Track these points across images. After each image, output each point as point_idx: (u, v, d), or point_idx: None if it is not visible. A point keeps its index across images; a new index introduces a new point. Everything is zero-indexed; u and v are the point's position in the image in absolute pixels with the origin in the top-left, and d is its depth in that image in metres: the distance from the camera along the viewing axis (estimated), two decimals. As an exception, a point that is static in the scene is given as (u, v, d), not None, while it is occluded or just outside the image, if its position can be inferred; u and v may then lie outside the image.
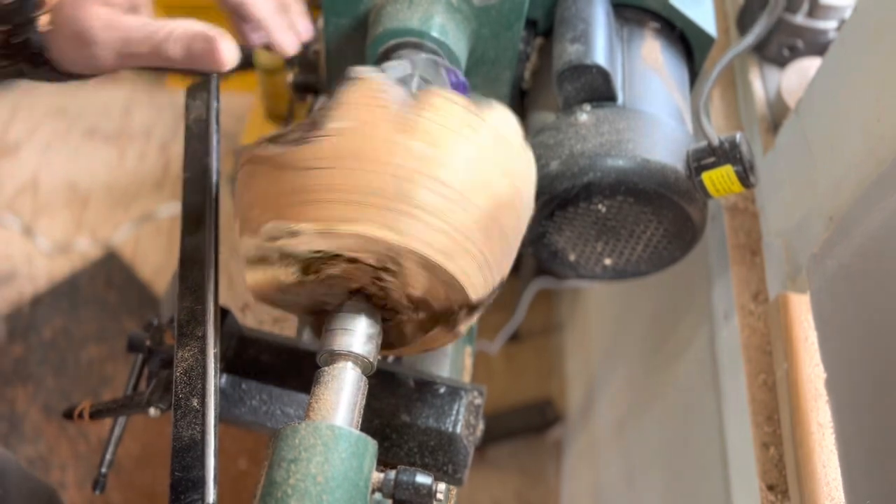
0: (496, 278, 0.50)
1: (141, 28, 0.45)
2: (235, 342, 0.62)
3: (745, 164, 0.60)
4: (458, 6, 0.63)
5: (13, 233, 1.72)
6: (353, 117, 0.45)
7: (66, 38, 0.45)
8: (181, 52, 0.44)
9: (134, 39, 0.44)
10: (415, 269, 0.46)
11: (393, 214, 0.44)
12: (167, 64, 0.45)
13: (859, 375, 0.51)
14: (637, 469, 1.03)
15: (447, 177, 0.45)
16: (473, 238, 0.46)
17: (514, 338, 1.59)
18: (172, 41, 0.44)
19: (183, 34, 0.44)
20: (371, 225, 0.44)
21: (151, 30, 0.44)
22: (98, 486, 0.63)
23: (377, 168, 0.44)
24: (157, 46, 0.44)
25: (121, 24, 0.45)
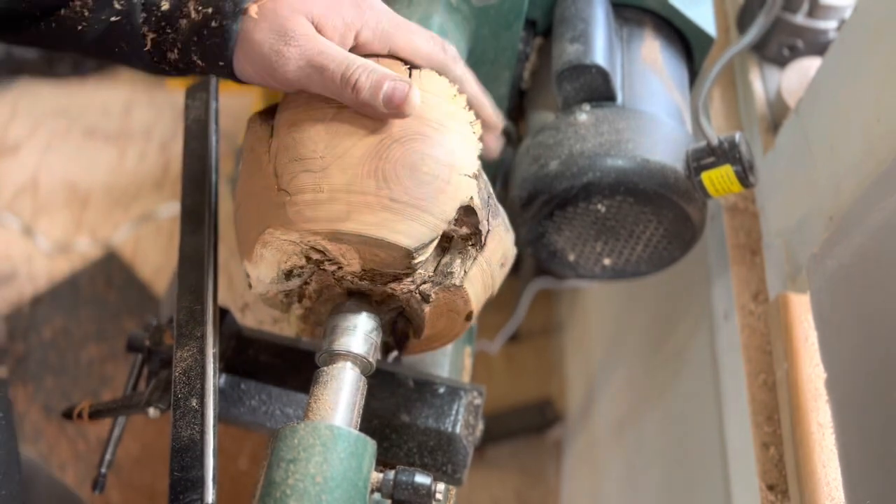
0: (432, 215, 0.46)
1: (338, 51, 0.45)
2: (234, 342, 0.62)
3: (744, 164, 0.60)
4: (457, 6, 0.62)
5: (13, 233, 1.72)
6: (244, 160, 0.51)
7: (262, 35, 0.45)
8: (367, 84, 0.44)
9: (328, 55, 0.45)
10: (332, 246, 0.46)
11: (280, 211, 0.46)
12: (348, 95, 0.45)
13: (859, 375, 0.51)
14: (637, 469, 1.03)
15: (303, 152, 0.46)
16: (362, 188, 0.45)
17: (514, 338, 1.59)
18: (364, 71, 0.45)
19: (376, 70, 0.45)
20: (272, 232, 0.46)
21: (346, 56, 0.45)
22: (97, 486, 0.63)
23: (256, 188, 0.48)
24: (347, 72, 0.44)
25: (320, 41, 0.45)
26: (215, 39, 0.45)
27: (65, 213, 1.77)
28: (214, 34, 0.45)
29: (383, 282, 0.48)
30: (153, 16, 0.46)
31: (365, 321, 0.49)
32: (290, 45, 0.45)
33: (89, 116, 1.96)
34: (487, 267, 0.50)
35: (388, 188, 0.45)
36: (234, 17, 0.45)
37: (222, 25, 0.45)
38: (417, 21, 0.61)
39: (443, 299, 0.49)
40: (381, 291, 0.49)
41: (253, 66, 0.46)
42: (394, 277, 0.48)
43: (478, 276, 0.50)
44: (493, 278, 0.52)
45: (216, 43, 0.45)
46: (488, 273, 0.51)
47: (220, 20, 0.45)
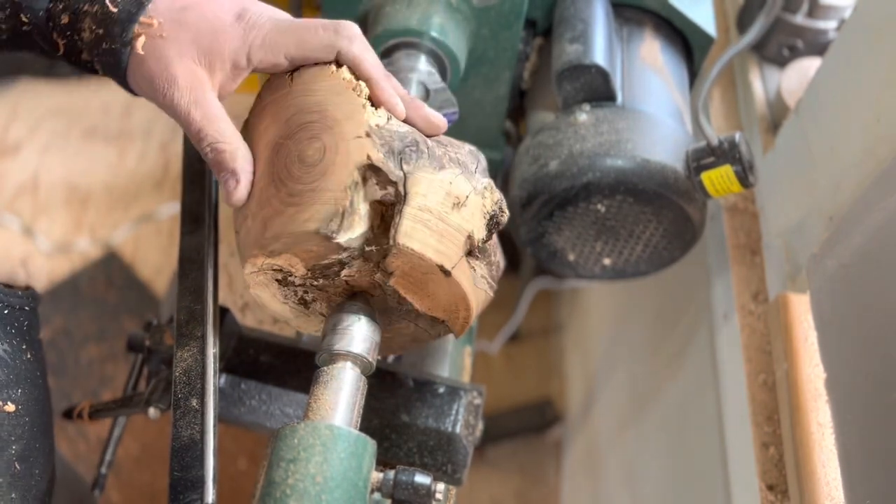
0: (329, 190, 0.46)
1: (204, 118, 0.48)
2: (235, 342, 0.62)
3: (744, 164, 0.60)
4: (457, 6, 0.62)
5: (13, 233, 1.72)
6: None
7: (148, 71, 0.47)
8: (210, 163, 0.49)
9: (193, 119, 0.48)
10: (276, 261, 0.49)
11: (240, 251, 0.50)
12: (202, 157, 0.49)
13: (859, 375, 0.51)
14: (637, 469, 1.03)
15: None
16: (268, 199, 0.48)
17: (514, 338, 1.59)
18: (211, 151, 0.48)
19: (221, 154, 0.48)
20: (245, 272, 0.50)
21: (207, 127, 0.48)
22: (97, 486, 0.63)
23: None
24: (199, 143, 0.48)
25: (198, 98, 0.47)
26: (109, 58, 0.48)
27: (65, 213, 1.77)
28: (107, 54, 0.48)
29: (335, 274, 0.49)
30: (57, 26, 0.49)
31: (365, 321, 0.49)
32: (166, 93, 0.47)
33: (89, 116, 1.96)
34: (429, 214, 0.46)
35: (285, 187, 0.46)
36: (123, 46, 0.47)
37: (112, 49, 0.48)
38: (417, 21, 0.61)
39: (400, 266, 0.47)
40: (341, 285, 0.50)
41: (144, 88, 0.49)
42: (340, 265, 0.48)
43: (418, 228, 0.46)
44: (445, 222, 0.47)
45: (110, 62, 0.48)
46: (435, 219, 0.47)
47: (110, 44, 0.47)
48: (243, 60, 0.48)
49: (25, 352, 0.53)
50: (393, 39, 0.61)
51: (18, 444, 0.50)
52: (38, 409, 0.53)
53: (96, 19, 0.47)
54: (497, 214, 0.50)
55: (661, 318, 1.01)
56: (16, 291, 0.53)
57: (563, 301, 1.67)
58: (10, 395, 0.50)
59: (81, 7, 0.48)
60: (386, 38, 0.61)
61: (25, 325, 0.53)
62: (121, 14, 0.47)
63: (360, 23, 0.65)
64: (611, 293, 1.29)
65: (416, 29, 0.60)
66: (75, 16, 0.48)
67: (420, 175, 0.47)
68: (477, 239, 0.48)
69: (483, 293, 0.51)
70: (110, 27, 0.47)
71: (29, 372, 0.53)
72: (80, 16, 0.48)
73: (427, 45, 0.61)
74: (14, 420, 0.50)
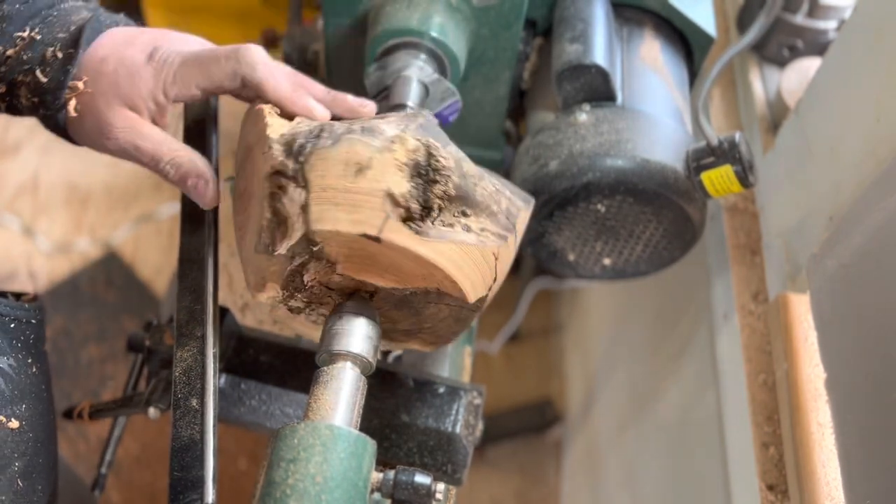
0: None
1: (153, 145, 0.51)
2: (235, 342, 0.62)
3: (744, 164, 0.60)
4: (457, 6, 0.62)
5: (13, 233, 1.72)
6: None
7: (88, 125, 0.51)
8: (175, 178, 0.51)
9: (143, 149, 0.50)
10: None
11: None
12: (161, 177, 0.52)
13: (859, 375, 0.51)
14: (637, 469, 1.03)
15: None
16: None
17: (514, 338, 1.59)
18: (172, 167, 0.51)
19: (182, 165, 0.51)
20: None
21: (159, 150, 0.51)
22: (97, 486, 0.63)
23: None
24: (158, 165, 0.51)
25: (138, 133, 0.50)
26: (48, 123, 0.52)
27: (65, 213, 1.77)
28: (46, 119, 0.51)
29: (302, 284, 0.51)
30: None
31: (364, 321, 0.49)
32: (109, 138, 0.50)
33: (89, 116, 1.95)
34: (332, 191, 0.45)
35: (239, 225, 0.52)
36: (57, 111, 0.50)
37: (49, 115, 0.51)
38: (417, 21, 0.61)
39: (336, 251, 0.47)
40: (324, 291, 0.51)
41: (88, 142, 0.52)
42: (299, 273, 0.50)
43: (326, 208, 0.46)
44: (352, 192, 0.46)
45: (50, 125, 0.52)
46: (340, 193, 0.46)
47: (45, 110, 0.51)
48: (161, 97, 0.51)
49: (31, 365, 0.52)
50: (393, 39, 0.61)
51: (21, 461, 0.50)
52: (42, 423, 0.53)
53: (30, 88, 0.50)
54: (421, 161, 0.47)
55: (661, 318, 1.01)
56: (23, 304, 0.53)
57: (563, 301, 1.67)
58: (15, 410, 0.50)
59: (16, 78, 0.50)
60: (386, 38, 0.61)
61: (32, 337, 0.53)
62: (50, 83, 0.49)
63: (359, 22, 0.65)
64: (611, 293, 1.29)
65: (416, 29, 0.60)
66: (12, 86, 0.51)
67: (314, 159, 0.46)
68: (398, 193, 0.46)
69: (479, 247, 0.48)
70: (43, 96, 0.50)
71: (34, 386, 0.52)
72: (15, 86, 0.50)
73: (427, 45, 0.61)
74: (18, 437, 0.50)
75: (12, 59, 0.50)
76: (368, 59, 0.63)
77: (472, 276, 0.48)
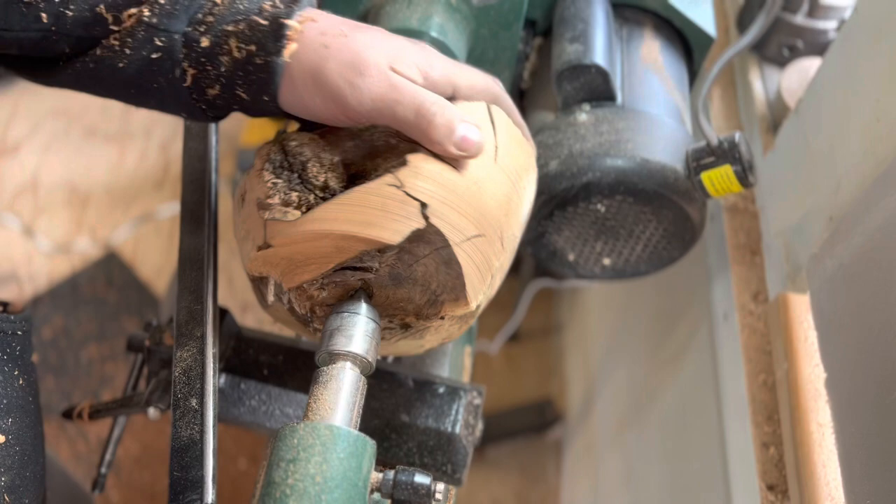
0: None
1: (414, 86, 0.44)
2: (234, 342, 0.62)
3: (744, 164, 0.60)
4: (456, 6, 0.62)
5: (13, 233, 1.72)
6: None
7: (337, 64, 0.44)
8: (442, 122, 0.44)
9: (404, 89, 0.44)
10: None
11: None
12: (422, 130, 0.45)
13: (859, 375, 0.51)
14: (637, 469, 1.03)
15: None
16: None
17: (514, 338, 1.59)
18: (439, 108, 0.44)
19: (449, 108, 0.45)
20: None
21: (420, 92, 0.44)
22: (97, 486, 0.63)
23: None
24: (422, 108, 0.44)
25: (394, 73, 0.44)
26: (261, 75, 0.45)
27: (65, 213, 1.77)
28: (260, 70, 0.45)
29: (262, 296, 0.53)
30: (193, 52, 0.45)
31: (365, 321, 0.49)
32: (366, 75, 0.44)
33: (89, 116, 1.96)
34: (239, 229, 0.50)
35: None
36: (277, 52, 0.44)
37: (267, 62, 0.44)
38: (417, 21, 0.61)
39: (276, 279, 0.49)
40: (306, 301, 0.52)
41: (321, 98, 0.45)
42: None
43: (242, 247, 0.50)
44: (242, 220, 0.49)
45: (262, 78, 0.45)
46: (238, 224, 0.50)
47: (265, 56, 0.44)
48: (420, 77, 0.46)
49: (17, 378, 0.51)
50: (393, 39, 0.61)
51: (7, 476, 0.49)
52: (28, 435, 0.52)
53: (243, 37, 0.44)
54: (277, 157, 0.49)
55: (661, 318, 1.01)
56: (8, 316, 0.51)
57: (563, 301, 1.67)
58: (1, 425, 0.49)
59: (226, 28, 0.44)
60: (386, 38, 0.61)
61: (18, 350, 0.52)
62: (272, 24, 0.44)
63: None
64: (611, 293, 1.29)
65: (416, 29, 0.60)
66: (217, 38, 0.45)
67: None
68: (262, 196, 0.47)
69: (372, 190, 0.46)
70: (262, 39, 0.44)
71: (20, 399, 0.51)
72: (222, 38, 0.45)
73: (427, 45, 0.61)
74: (4, 451, 0.49)
75: (222, 8, 0.45)
76: (368, 59, 0.63)
77: (376, 220, 0.45)
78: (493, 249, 0.49)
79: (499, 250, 0.49)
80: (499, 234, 0.49)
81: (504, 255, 0.50)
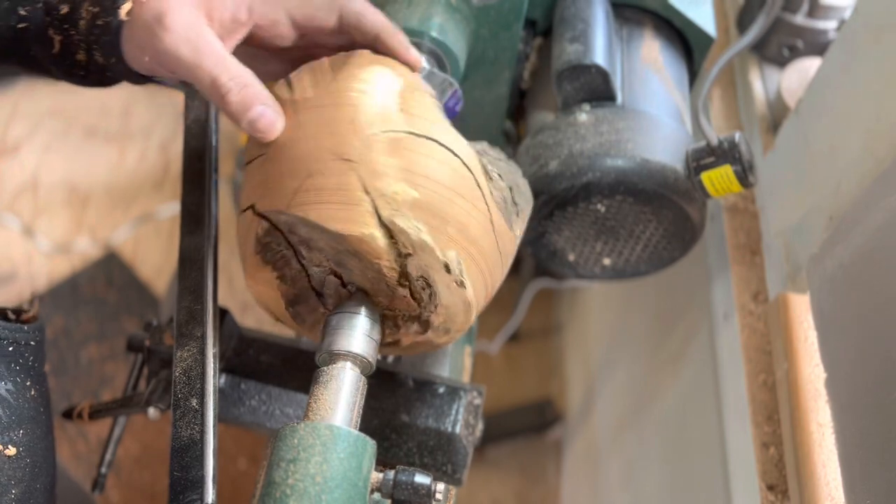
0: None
1: (216, 53, 0.44)
2: (235, 342, 0.62)
3: (744, 164, 0.60)
4: (456, 6, 0.62)
5: (13, 233, 1.72)
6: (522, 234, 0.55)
7: (148, 15, 0.44)
8: (236, 101, 0.45)
9: (204, 54, 0.44)
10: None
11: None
12: (216, 101, 0.45)
13: (859, 375, 0.51)
14: (637, 469, 1.03)
15: None
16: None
17: (514, 338, 1.59)
18: (237, 85, 0.44)
19: (249, 86, 0.45)
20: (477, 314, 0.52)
21: (223, 61, 0.44)
22: (97, 486, 0.63)
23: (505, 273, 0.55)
24: (218, 80, 0.44)
25: (202, 35, 0.44)
26: (106, 36, 0.46)
27: (65, 213, 1.77)
28: (105, 31, 0.46)
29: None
30: (55, 19, 0.46)
31: (365, 321, 0.49)
32: (166, 30, 0.44)
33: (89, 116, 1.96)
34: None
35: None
36: (113, 12, 0.45)
37: (107, 22, 0.45)
38: (417, 21, 0.61)
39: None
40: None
41: (141, 54, 0.46)
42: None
43: None
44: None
45: (108, 40, 0.46)
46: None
47: (105, 17, 0.45)
48: (244, 13, 0.46)
49: (29, 388, 0.51)
50: (393, 39, 0.61)
51: (18, 488, 0.49)
52: (39, 447, 0.51)
53: (93, 0, 0.45)
54: None
55: (661, 318, 1.01)
56: (21, 326, 0.51)
57: (563, 301, 1.67)
58: (12, 437, 0.49)
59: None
60: (386, 38, 0.61)
61: (31, 360, 0.52)
62: None
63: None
64: (611, 293, 1.29)
65: (416, 29, 0.60)
66: (74, 4, 0.46)
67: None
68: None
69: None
70: (104, 1, 0.45)
71: (32, 409, 0.51)
72: (78, 3, 0.46)
73: (427, 45, 0.61)
74: (15, 463, 0.49)
75: None
76: (368, 59, 0.63)
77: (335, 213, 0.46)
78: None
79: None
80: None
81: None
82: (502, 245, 0.51)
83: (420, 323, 0.51)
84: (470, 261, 0.49)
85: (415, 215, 0.46)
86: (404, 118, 0.47)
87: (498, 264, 0.52)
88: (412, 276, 0.47)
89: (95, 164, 1.87)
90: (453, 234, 0.47)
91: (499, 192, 0.51)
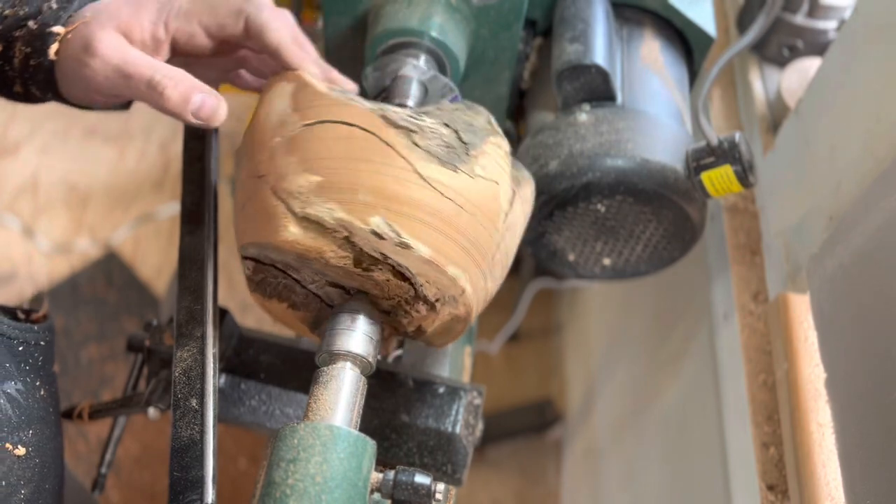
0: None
1: (144, 63, 0.47)
2: (235, 342, 0.62)
3: (744, 164, 0.60)
4: (457, 6, 0.62)
5: (13, 233, 1.72)
6: (494, 175, 0.50)
7: (74, 51, 0.47)
8: (176, 96, 0.46)
9: (133, 66, 0.46)
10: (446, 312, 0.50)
11: (480, 273, 0.50)
12: (157, 103, 0.47)
13: (859, 375, 0.51)
14: (637, 469, 1.03)
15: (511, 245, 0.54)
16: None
17: (514, 338, 1.59)
18: (172, 81, 0.46)
19: (183, 81, 0.47)
20: (467, 275, 0.49)
21: (152, 66, 0.47)
22: (97, 486, 0.63)
23: (489, 229, 0.49)
24: (153, 82, 0.46)
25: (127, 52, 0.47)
26: (39, 75, 0.49)
27: (65, 213, 1.77)
28: (37, 70, 0.49)
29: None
30: None
31: (365, 321, 0.49)
32: (94, 56, 0.46)
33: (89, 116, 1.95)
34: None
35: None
36: (43, 52, 0.48)
37: (39, 62, 0.48)
38: (417, 21, 0.61)
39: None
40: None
41: (75, 87, 0.49)
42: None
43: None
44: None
45: (41, 78, 0.49)
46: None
47: (36, 58, 0.48)
48: (161, 31, 0.48)
49: (39, 388, 0.51)
50: (393, 39, 0.61)
51: (27, 488, 0.49)
52: (49, 447, 0.51)
53: (25, 40, 0.48)
54: None
55: (661, 318, 1.01)
56: (32, 326, 0.51)
57: (563, 301, 1.67)
58: (22, 437, 0.48)
59: (14, 33, 0.48)
60: (386, 37, 0.61)
61: (41, 360, 0.52)
62: (42, 28, 0.48)
63: (359, 22, 0.65)
64: (611, 293, 1.29)
65: (416, 29, 0.60)
66: (8, 42, 0.49)
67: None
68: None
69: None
70: (34, 42, 0.48)
71: (41, 410, 0.51)
72: (11, 42, 0.49)
73: (427, 45, 0.61)
74: (24, 463, 0.48)
75: (10, 18, 0.49)
76: (368, 59, 0.63)
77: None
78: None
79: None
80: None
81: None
82: (455, 191, 0.47)
83: (424, 301, 0.49)
84: (404, 219, 0.46)
85: (324, 198, 0.46)
86: (297, 116, 0.48)
87: (457, 211, 0.47)
88: (372, 256, 0.46)
89: (95, 164, 1.87)
90: (369, 199, 0.45)
91: (434, 139, 0.47)
